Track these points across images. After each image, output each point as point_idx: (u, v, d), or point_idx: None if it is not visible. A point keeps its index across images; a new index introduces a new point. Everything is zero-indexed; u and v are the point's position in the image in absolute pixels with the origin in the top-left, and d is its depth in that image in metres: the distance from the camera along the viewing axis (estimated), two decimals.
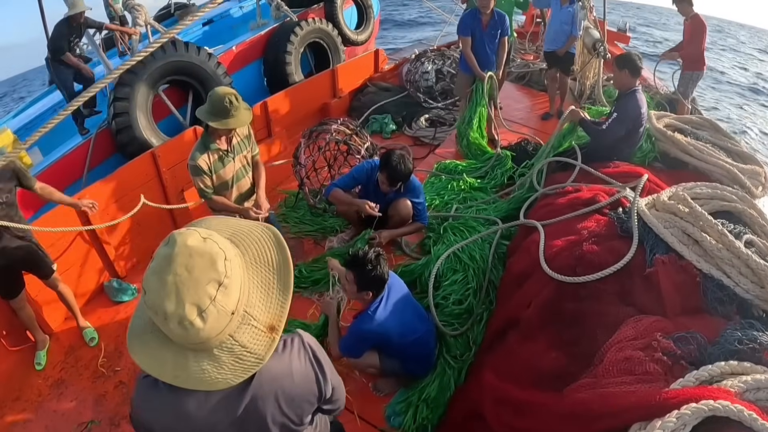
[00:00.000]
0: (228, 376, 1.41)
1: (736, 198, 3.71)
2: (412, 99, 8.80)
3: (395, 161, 4.43)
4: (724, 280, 2.85)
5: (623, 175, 4.57)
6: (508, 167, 6.14)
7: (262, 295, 1.48)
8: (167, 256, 1.34)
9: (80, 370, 4.38)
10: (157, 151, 5.55)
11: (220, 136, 4.06)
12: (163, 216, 5.70)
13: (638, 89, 5.04)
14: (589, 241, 3.39)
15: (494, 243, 4.53)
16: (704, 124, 6.05)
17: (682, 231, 3.13)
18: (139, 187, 5.36)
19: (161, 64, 6.50)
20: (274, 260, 1.53)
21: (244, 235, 1.54)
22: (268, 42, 8.60)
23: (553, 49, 7.81)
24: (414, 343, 3.56)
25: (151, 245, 5.49)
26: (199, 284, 1.32)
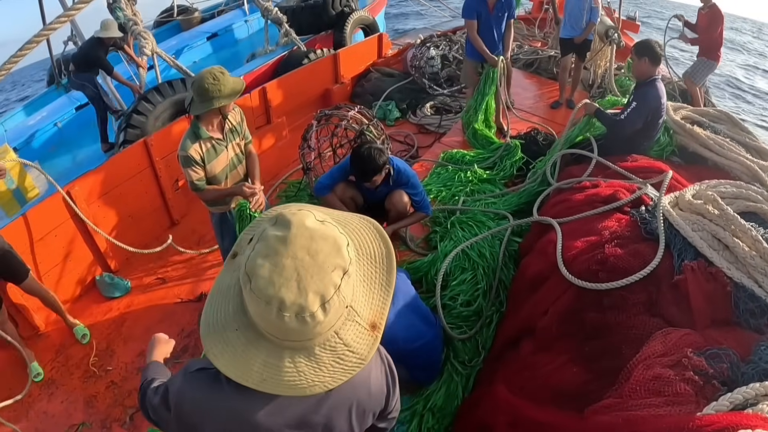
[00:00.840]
0: (326, 379, 1.22)
1: (762, 198, 3.51)
2: (417, 85, 8.55)
3: (360, 156, 4.17)
4: (755, 290, 2.65)
5: (642, 169, 4.34)
6: (517, 158, 5.88)
7: (365, 289, 1.30)
8: (282, 238, 1.14)
9: (71, 370, 4.20)
10: (150, 140, 5.30)
11: (214, 121, 3.74)
12: (157, 208, 5.53)
13: (658, 78, 4.81)
14: (612, 243, 3.15)
15: (505, 240, 4.30)
16: (722, 117, 5.83)
17: (712, 235, 2.91)
18: (131, 178, 5.18)
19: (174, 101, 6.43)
20: (376, 252, 1.36)
21: (343, 225, 1.35)
22: (275, 72, 8.35)
23: (572, 36, 7.62)
24: (421, 348, 3.34)
25: (145, 239, 5.38)
26: (324, 270, 1.14)
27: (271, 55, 8.60)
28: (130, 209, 5.16)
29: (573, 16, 7.56)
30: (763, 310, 2.62)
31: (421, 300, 3.60)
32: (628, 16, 12.02)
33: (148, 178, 5.38)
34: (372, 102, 8.02)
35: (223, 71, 3.53)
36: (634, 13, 12.28)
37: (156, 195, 5.49)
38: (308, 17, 9.52)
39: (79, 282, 4.86)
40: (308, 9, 9.60)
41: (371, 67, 9.08)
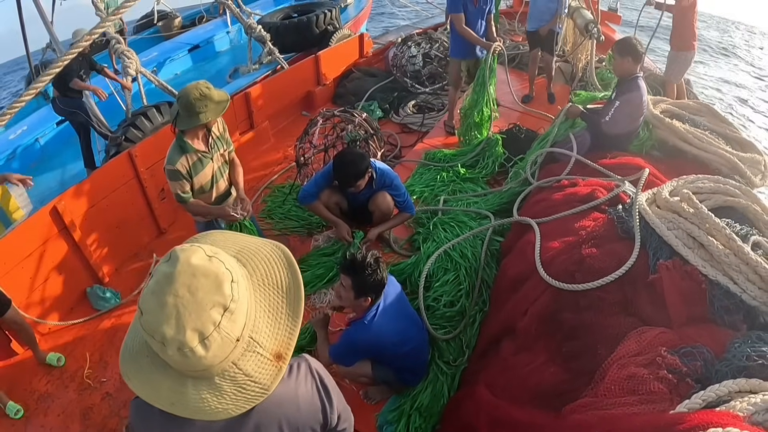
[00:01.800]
0: (229, 407, 1.28)
1: (739, 192, 3.56)
2: (399, 84, 8.57)
3: (344, 162, 4.25)
4: (730, 287, 2.68)
5: (621, 166, 4.38)
6: (498, 153, 5.91)
7: (269, 320, 1.35)
8: (168, 274, 1.19)
9: (65, 383, 4.23)
10: (134, 151, 5.30)
11: (199, 134, 3.78)
12: (144, 218, 5.54)
13: (640, 76, 4.83)
14: (588, 243, 3.20)
15: (486, 240, 4.34)
16: (702, 110, 5.87)
17: (687, 233, 2.94)
18: (117, 189, 5.19)
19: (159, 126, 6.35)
20: (283, 282, 1.40)
21: (252, 254, 1.41)
22: None
23: (537, 28, 7.57)
24: (410, 352, 3.40)
25: (134, 249, 5.44)
26: (202, 308, 1.18)
27: (254, 74, 8.62)
28: (117, 220, 5.17)
29: (538, 8, 7.53)
30: (737, 307, 2.65)
31: (409, 303, 3.63)
32: (610, 7, 12.02)
33: (134, 188, 5.39)
34: (354, 102, 8.02)
35: (209, 86, 3.59)
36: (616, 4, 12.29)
37: (142, 205, 5.50)
38: (292, 35, 9.52)
39: (69, 295, 4.86)
40: (292, 27, 9.59)
41: (353, 67, 9.10)
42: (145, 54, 9.86)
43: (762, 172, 4.91)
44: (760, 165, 4.93)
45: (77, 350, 4.47)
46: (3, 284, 4.11)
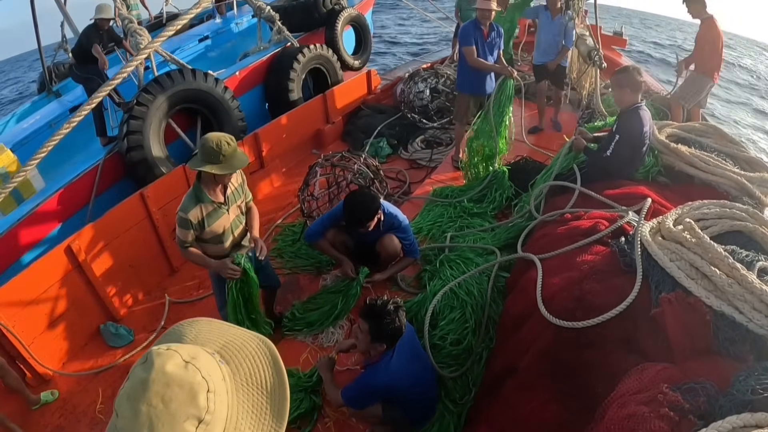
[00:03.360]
0: None
1: (746, 215, 3.51)
2: (407, 120, 8.67)
3: (352, 204, 4.32)
4: (736, 317, 2.62)
5: (626, 196, 4.32)
6: (505, 187, 5.91)
7: (252, 422, 1.28)
8: (143, 381, 1.15)
9: (78, 417, 4.32)
10: (146, 191, 5.47)
11: (215, 186, 3.75)
12: (157, 257, 5.66)
13: (641, 105, 4.76)
14: (590, 278, 3.16)
15: (492, 276, 4.32)
16: (708, 131, 5.82)
17: (690, 264, 2.90)
18: (130, 229, 5.33)
19: (171, 93, 6.59)
20: (268, 382, 1.34)
21: (237, 349, 1.35)
22: (269, 67, 8.53)
23: (544, 62, 7.71)
24: (421, 393, 3.43)
25: (147, 287, 5.57)
26: (176, 420, 1.13)
27: (264, 52, 8.72)
28: (130, 259, 5.30)
29: (545, 41, 7.60)
30: (743, 337, 2.59)
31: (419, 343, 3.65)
32: (615, 31, 12.06)
33: (146, 228, 5.53)
34: (363, 140, 8.08)
35: (232, 142, 3.55)
36: (621, 28, 12.30)
37: (154, 244, 5.64)
38: (300, 15, 9.65)
39: (83, 331, 4.98)
40: (299, 7, 9.74)
41: (362, 104, 9.20)
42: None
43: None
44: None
45: (91, 385, 4.56)
46: (19, 320, 4.29)
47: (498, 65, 6.35)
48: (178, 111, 6.91)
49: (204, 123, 7.28)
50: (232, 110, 7.24)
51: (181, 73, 6.78)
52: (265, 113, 8.65)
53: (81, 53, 7.45)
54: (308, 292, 5.09)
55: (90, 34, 7.44)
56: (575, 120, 8.19)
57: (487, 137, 6.10)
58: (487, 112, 6.12)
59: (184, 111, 7.04)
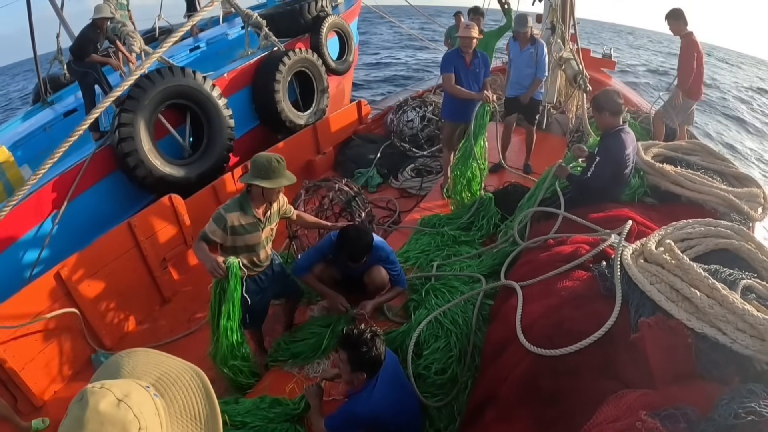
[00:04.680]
0: None
1: (731, 233, 3.51)
2: (398, 149, 8.69)
3: (349, 238, 4.32)
4: (719, 338, 2.57)
5: (611, 219, 4.30)
6: (491, 213, 5.87)
7: None
8: (78, 419, 1.17)
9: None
10: (134, 221, 5.48)
11: (262, 203, 4.02)
12: (147, 286, 5.65)
13: (623, 128, 4.78)
14: (569, 304, 3.13)
15: (477, 305, 4.26)
16: (695, 149, 5.83)
17: (670, 286, 2.86)
18: (119, 258, 5.33)
19: (161, 89, 6.71)
20: (202, 414, 1.37)
21: (172, 382, 1.38)
22: (257, 70, 8.69)
23: (516, 95, 7.35)
24: (405, 422, 3.37)
25: (138, 316, 5.54)
26: None
27: (252, 56, 8.92)
28: (120, 288, 5.28)
29: (516, 74, 7.38)
30: (727, 359, 2.54)
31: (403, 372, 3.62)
32: (604, 53, 12.14)
33: (135, 258, 5.53)
34: (354, 169, 8.09)
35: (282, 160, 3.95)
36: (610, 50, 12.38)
37: (144, 274, 5.62)
38: (286, 22, 9.87)
39: (73, 360, 4.94)
40: (286, 14, 9.99)
41: (353, 134, 9.23)
42: None
43: (762, 204, 4.85)
44: (758, 198, 4.87)
45: None
46: (9, 347, 4.28)
47: (473, 92, 6.29)
48: (167, 107, 7.04)
49: (193, 119, 7.42)
50: (220, 107, 7.38)
51: (170, 69, 6.94)
52: (253, 114, 8.84)
53: (78, 50, 7.57)
54: (296, 322, 5.03)
55: (88, 33, 7.57)
56: (564, 143, 8.19)
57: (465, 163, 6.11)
58: (467, 138, 6.11)
59: (174, 107, 7.16)
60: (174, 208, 5.97)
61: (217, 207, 6.54)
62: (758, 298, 2.85)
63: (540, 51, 7.06)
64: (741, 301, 2.64)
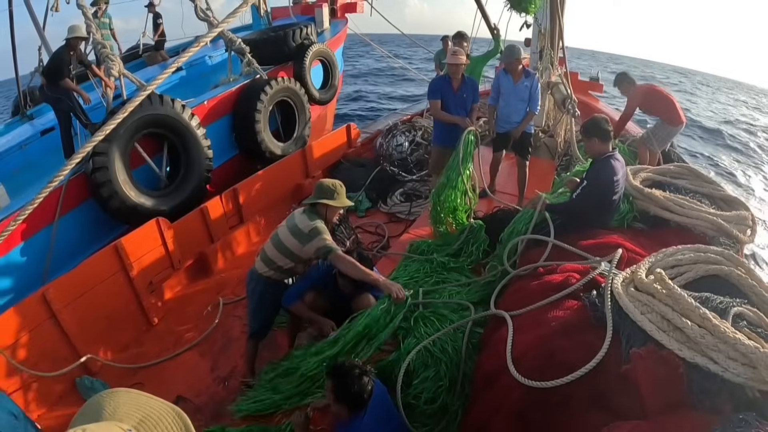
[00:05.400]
0: None
1: (722, 258, 3.52)
2: (387, 173, 8.69)
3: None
4: (711, 367, 2.56)
5: (600, 246, 4.27)
6: (482, 240, 5.82)
7: None
8: None
9: None
10: (120, 244, 5.45)
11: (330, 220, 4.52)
12: (133, 310, 5.60)
13: (613, 154, 4.78)
14: (560, 335, 3.10)
15: (467, 334, 4.21)
16: (683, 173, 5.86)
17: (661, 316, 2.84)
18: (105, 281, 5.30)
19: (138, 117, 6.58)
20: None
21: (154, 424, 1.34)
22: (238, 98, 8.64)
23: (507, 130, 7.06)
24: None
25: (123, 340, 5.46)
26: None
27: (234, 83, 8.87)
28: (105, 311, 5.24)
29: (507, 108, 7.04)
30: (719, 387, 2.53)
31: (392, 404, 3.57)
32: (591, 76, 12.26)
33: (121, 281, 5.49)
34: None
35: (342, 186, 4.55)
36: (597, 73, 12.50)
37: (131, 297, 5.59)
38: (270, 49, 9.81)
39: (58, 383, 4.84)
40: (270, 41, 9.93)
41: (342, 157, 9.23)
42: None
43: (750, 226, 4.88)
44: (747, 221, 4.90)
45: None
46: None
47: (457, 118, 6.31)
48: (144, 135, 6.94)
49: (170, 149, 7.33)
50: (199, 138, 7.29)
51: (148, 98, 6.70)
52: (232, 143, 8.77)
53: (51, 73, 7.49)
54: (285, 349, 5.00)
55: (61, 54, 7.51)
56: (553, 167, 8.21)
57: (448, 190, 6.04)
58: (449, 167, 6.06)
59: (151, 136, 7.07)
60: (161, 231, 5.94)
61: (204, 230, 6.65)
62: (749, 325, 2.85)
63: (534, 85, 6.87)
64: (732, 329, 2.63)
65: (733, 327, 2.71)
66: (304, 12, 13.56)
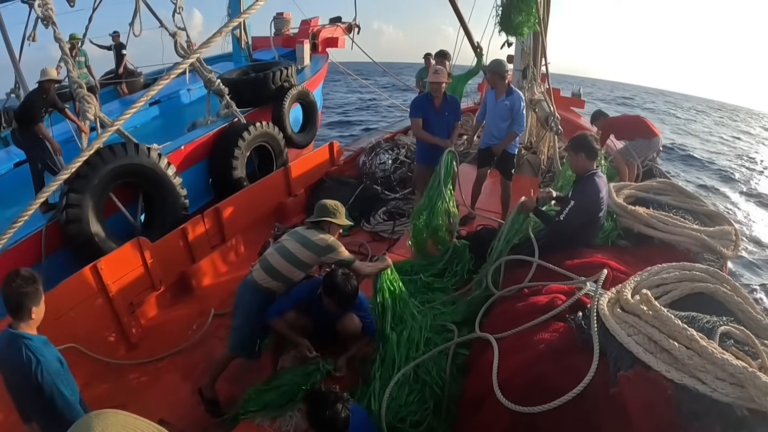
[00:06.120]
0: None
1: (707, 276, 3.53)
2: (370, 192, 8.63)
3: (340, 285, 4.24)
4: (699, 388, 2.54)
5: (586, 266, 4.26)
6: (466, 260, 5.78)
7: None
8: None
9: None
10: (100, 264, 5.32)
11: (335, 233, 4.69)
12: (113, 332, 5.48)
13: (597, 171, 4.79)
14: (547, 358, 3.06)
15: (450, 356, 4.16)
16: (666, 189, 5.91)
17: (648, 338, 2.82)
18: (84, 301, 5.18)
19: (112, 167, 6.44)
20: None
21: None
22: (215, 143, 8.55)
23: (489, 146, 7.03)
24: None
25: (98, 369, 5.22)
26: None
27: (212, 126, 8.80)
28: (84, 332, 5.08)
29: (492, 123, 7.00)
30: (708, 408, 2.51)
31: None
32: (573, 93, 12.35)
33: (101, 302, 5.37)
34: None
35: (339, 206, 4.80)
36: (579, 89, 12.59)
37: (110, 318, 5.45)
38: (249, 91, 9.77)
39: None
40: (250, 82, 9.90)
41: (324, 175, 9.18)
42: (106, 106, 10.07)
43: (733, 241, 4.94)
44: (730, 235, 4.96)
45: None
46: None
47: (437, 138, 6.31)
48: (120, 185, 6.80)
49: (146, 198, 7.20)
50: (175, 187, 7.14)
51: (123, 147, 6.68)
52: (209, 189, 8.66)
53: (24, 118, 7.33)
54: (269, 371, 4.87)
55: (34, 98, 7.38)
56: (536, 184, 8.21)
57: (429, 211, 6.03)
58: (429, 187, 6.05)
59: (127, 185, 6.94)
60: (141, 251, 5.85)
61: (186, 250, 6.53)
62: (736, 343, 2.85)
63: (517, 104, 6.74)
64: (720, 350, 2.62)
65: (721, 346, 2.71)
66: (285, 44, 13.72)
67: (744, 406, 2.47)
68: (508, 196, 7.12)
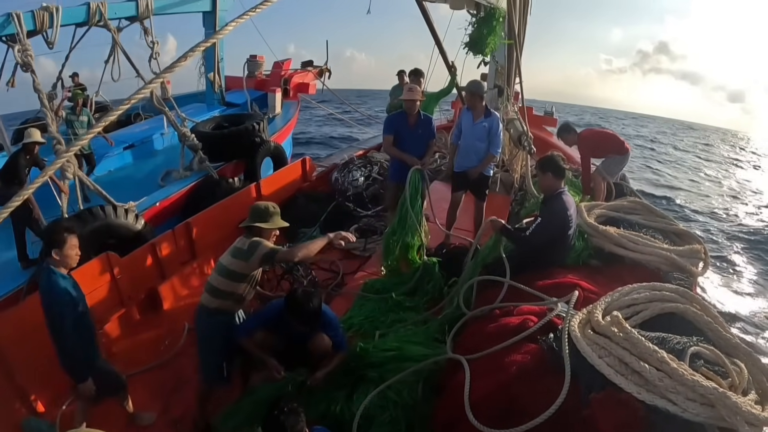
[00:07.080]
0: None
1: (676, 296, 3.57)
2: (342, 209, 8.60)
3: (303, 304, 4.25)
4: (670, 408, 2.57)
5: (557, 287, 4.26)
6: (437, 278, 5.76)
7: None
8: None
9: None
10: None
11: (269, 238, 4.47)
12: None
13: (564, 190, 4.83)
14: (519, 380, 3.05)
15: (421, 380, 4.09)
16: (636, 208, 5.98)
17: (620, 360, 2.83)
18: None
19: (91, 229, 6.53)
20: None
21: None
22: (188, 199, 8.75)
23: (464, 169, 6.82)
24: None
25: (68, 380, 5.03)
26: None
27: (185, 180, 8.94)
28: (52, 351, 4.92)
29: (467, 145, 6.80)
30: (679, 429, 2.56)
31: None
32: (546, 111, 12.49)
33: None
34: (299, 229, 7.95)
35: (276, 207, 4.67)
36: (551, 108, 12.73)
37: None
38: (223, 145, 9.90)
39: (2, 426, 4.61)
40: (226, 137, 9.98)
41: (297, 192, 9.14)
42: None
43: (702, 259, 5.02)
44: (699, 254, 5.04)
45: None
46: None
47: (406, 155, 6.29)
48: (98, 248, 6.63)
49: None
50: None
51: (103, 209, 6.82)
52: None
53: (8, 176, 7.26)
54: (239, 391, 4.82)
55: (18, 158, 7.32)
56: (508, 202, 8.23)
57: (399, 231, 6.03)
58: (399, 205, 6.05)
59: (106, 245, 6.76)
60: (110, 266, 5.80)
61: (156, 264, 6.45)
62: (706, 363, 2.89)
63: (495, 126, 6.62)
64: (690, 371, 2.65)
65: (691, 367, 2.74)
66: (258, 87, 14.07)
67: (715, 425, 2.52)
68: (481, 216, 6.99)
